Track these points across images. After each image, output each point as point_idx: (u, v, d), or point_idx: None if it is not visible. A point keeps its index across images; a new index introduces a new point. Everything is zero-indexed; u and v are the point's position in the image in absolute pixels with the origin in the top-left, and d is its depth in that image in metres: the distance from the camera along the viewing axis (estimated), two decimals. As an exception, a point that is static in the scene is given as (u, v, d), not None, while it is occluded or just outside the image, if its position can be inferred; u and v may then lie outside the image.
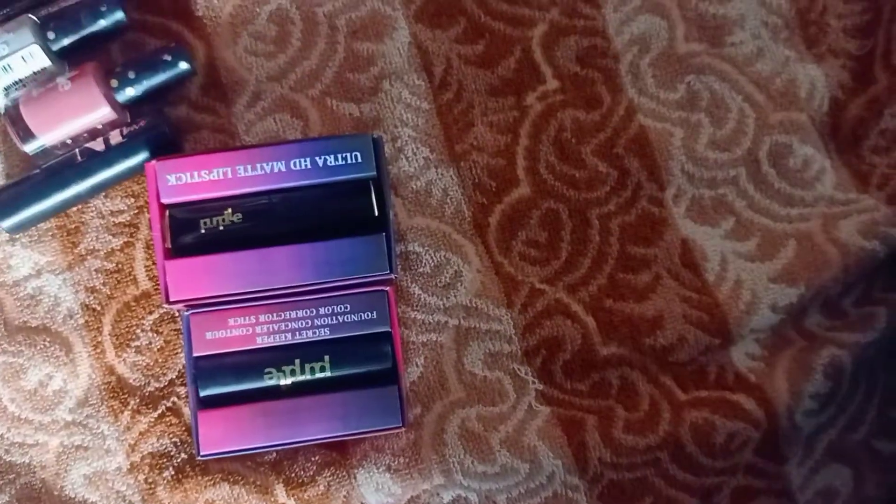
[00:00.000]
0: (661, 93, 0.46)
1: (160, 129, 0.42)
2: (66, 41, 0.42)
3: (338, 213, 0.39)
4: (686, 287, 0.45)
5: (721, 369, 0.44)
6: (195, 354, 0.39)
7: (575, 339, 0.44)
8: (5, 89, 0.41)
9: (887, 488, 0.45)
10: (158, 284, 0.43)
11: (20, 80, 0.41)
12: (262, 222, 0.38)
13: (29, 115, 0.40)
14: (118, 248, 0.43)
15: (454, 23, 0.46)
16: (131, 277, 0.43)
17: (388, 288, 0.40)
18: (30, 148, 0.41)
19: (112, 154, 0.41)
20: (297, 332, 0.39)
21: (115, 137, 0.41)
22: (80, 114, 0.41)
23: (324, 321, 0.39)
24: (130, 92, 0.42)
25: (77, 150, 0.41)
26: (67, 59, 0.43)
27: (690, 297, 0.45)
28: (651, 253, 0.45)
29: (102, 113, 0.41)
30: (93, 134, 0.42)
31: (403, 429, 0.39)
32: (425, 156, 0.45)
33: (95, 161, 0.41)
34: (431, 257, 0.44)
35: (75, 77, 0.41)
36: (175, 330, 0.43)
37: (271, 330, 0.39)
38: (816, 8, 0.48)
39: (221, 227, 0.38)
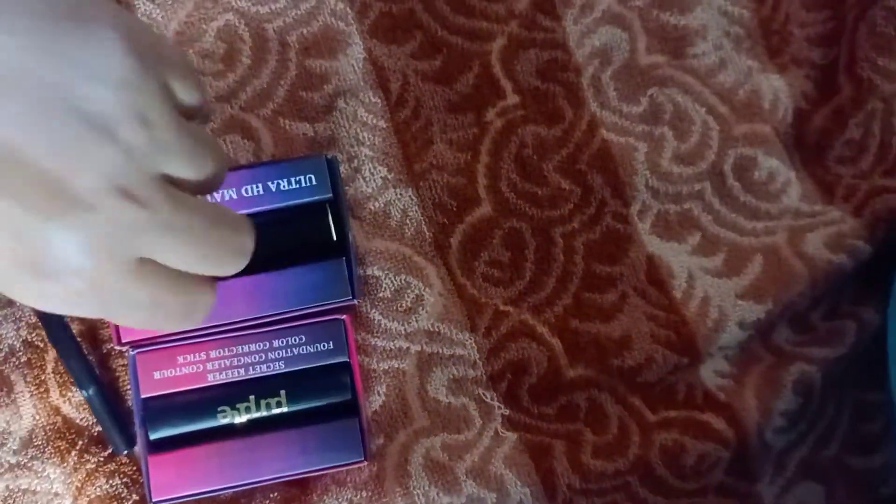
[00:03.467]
0: (624, 106, 0.45)
1: None
2: None
3: (294, 239, 0.38)
4: (653, 305, 0.44)
5: (690, 388, 0.44)
6: (143, 396, 0.37)
7: (541, 361, 0.43)
8: None
9: (859, 504, 0.45)
10: (104, 319, 0.41)
11: None
12: (213, 254, 0.37)
13: None
14: (61, 280, 0.41)
15: (410, 37, 0.44)
16: (76, 311, 0.41)
17: (344, 316, 0.38)
18: None
19: None
20: (251, 367, 0.37)
21: None
22: None
23: (278, 354, 0.38)
24: None
25: None
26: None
27: (657, 315, 0.44)
28: (617, 271, 0.44)
29: None
30: None
31: (366, 463, 0.38)
32: (383, 175, 0.43)
33: None
34: (392, 281, 0.43)
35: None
36: (123, 366, 0.41)
37: (223, 366, 0.37)
38: (779, 17, 0.47)
39: (169, 262, 0.36)
